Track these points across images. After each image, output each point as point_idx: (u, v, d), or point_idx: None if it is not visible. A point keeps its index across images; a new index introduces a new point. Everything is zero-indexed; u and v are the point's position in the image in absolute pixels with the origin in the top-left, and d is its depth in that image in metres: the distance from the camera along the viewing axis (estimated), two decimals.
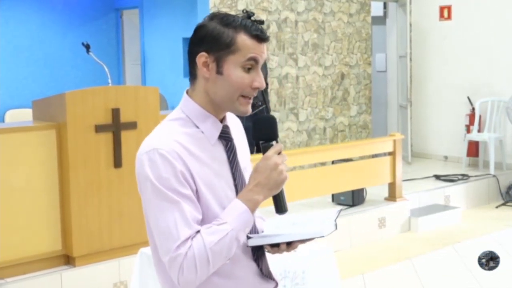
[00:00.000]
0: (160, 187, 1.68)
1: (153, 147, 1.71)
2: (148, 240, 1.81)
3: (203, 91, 1.78)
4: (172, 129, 1.76)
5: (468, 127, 8.31)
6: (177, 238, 1.64)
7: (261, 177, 1.72)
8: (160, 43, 10.21)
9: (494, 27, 8.16)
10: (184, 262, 1.63)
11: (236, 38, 1.73)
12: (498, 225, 6.73)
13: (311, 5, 7.97)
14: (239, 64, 1.74)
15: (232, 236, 1.67)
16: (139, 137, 4.66)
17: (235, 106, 1.79)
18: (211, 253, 1.64)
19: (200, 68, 1.76)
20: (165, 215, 1.67)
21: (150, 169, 1.70)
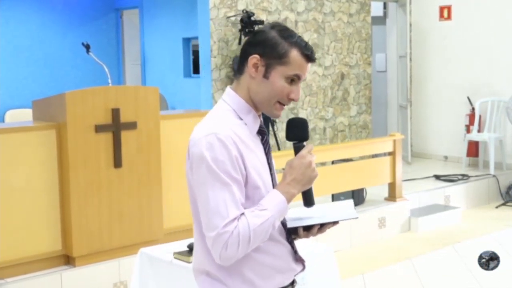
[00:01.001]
0: (215, 169, 1.84)
1: (211, 131, 1.87)
2: (148, 240, 1.84)
3: (246, 88, 1.99)
4: (225, 118, 1.94)
5: (468, 127, 8.31)
6: (226, 216, 1.81)
7: (297, 173, 1.94)
8: (160, 43, 10.21)
9: (494, 27, 8.16)
10: (229, 239, 1.80)
11: (289, 52, 1.93)
12: (498, 225, 6.73)
13: (311, 5, 7.97)
14: (285, 75, 1.94)
15: (270, 222, 1.86)
16: (139, 137, 4.66)
17: (270, 109, 1.98)
18: (253, 234, 1.82)
19: (250, 68, 1.96)
20: (216, 195, 1.83)
21: (208, 152, 1.85)
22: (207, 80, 7.17)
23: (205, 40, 7.16)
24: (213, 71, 7.12)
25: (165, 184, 4.83)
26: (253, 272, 1.94)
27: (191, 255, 3.38)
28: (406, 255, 5.74)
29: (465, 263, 5.56)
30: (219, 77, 7.16)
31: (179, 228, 4.94)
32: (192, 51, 9.94)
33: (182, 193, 5.00)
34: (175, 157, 4.95)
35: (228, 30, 7.21)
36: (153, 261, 3.54)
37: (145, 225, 4.71)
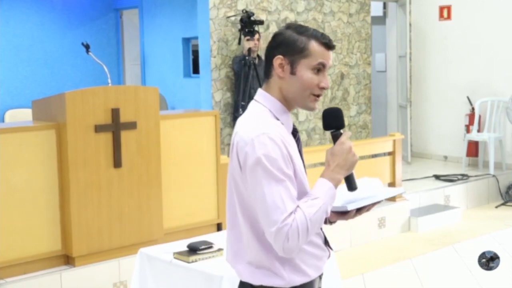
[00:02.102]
0: (269, 167, 1.95)
1: (262, 131, 1.98)
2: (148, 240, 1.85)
3: (278, 88, 2.10)
4: (267, 118, 2.05)
5: (468, 127, 8.31)
6: (284, 211, 1.92)
7: (340, 159, 2.05)
8: (159, 43, 10.21)
9: (493, 27, 8.16)
10: (290, 231, 1.91)
11: (308, 45, 2.06)
12: (498, 225, 6.73)
13: (311, 5, 7.97)
14: (310, 67, 2.06)
15: (323, 209, 1.99)
16: (139, 137, 4.66)
17: (305, 102, 2.10)
18: (310, 223, 1.94)
19: (276, 69, 2.07)
20: (273, 191, 1.94)
21: (262, 151, 1.96)
22: (207, 80, 7.16)
23: (205, 40, 7.16)
24: (213, 71, 7.12)
25: (164, 184, 4.84)
26: (302, 262, 2.07)
27: (190, 255, 3.38)
28: (406, 255, 5.74)
29: (465, 263, 5.56)
30: (218, 77, 7.16)
31: (179, 228, 4.94)
32: (192, 51, 9.93)
33: (181, 193, 5.02)
34: (175, 157, 4.95)
35: (228, 30, 7.21)
36: (152, 261, 3.54)
37: (144, 225, 4.71)
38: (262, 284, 2.07)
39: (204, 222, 5.14)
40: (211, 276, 3.21)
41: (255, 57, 6.99)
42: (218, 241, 3.60)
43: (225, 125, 7.16)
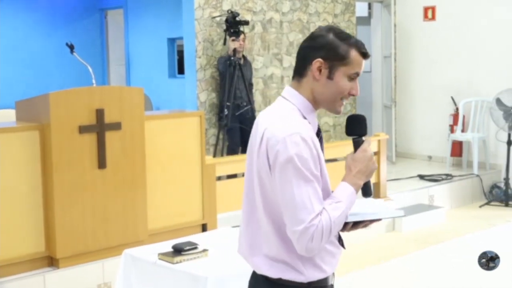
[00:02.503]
0: (300, 166, 1.98)
1: (294, 131, 2.01)
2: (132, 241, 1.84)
3: (309, 89, 2.13)
4: (296, 117, 2.08)
5: (452, 127, 8.36)
6: (311, 211, 1.97)
7: (361, 166, 2.12)
8: (144, 43, 10.18)
9: (477, 28, 8.21)
10: (315, 232, 1.97)
11: (349, 53, 2.10)
12: (482, 225, 6.77)
13: (296, 6, 7.98)
14: (347, 74, 2.11)
15: (345, 213, 2.06)
16: (124, 137, 4.64)
17: (334, 106, 2.15)
18: (333, 225, 2.00)
19: (314, 71, 2.10)
20: (302, 191, 1.98)
21: (294, 150, 1.99)
22: (192, 81, 7.15)
23: (190, 40, 7.15)
24: (198, 72, 7.11)
25: (149, 185, 4.82)
26: (320, 259, 2.12)
27: (175, 256, 3.37)
28: (391, 254, 5.76)
29: (449, 263, 5.59)
30: (204, 78, 7.15)
31: (164, 229, 4.93)
32: (177, 51, 9.92)
33: (166, 193, 5.00)
34: (159, 158, 4.94)
35: (213, 30, 7.20)
36: (137, 262, 3.53)
37: (129, 226, 4.70)
38: (281, 277, 2.11)
39: (189, 223, 5.13)
40: (196, 277, 3.20)
41: (240, 57, 6.99)
42: (203, 242, 3.60)
43: (210, 126, 7.15)
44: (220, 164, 5.49)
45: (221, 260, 3.40)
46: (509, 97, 7.47)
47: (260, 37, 7.63)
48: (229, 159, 6.02)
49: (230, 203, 5.54)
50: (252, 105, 7.11)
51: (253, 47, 7.56)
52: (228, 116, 6.81)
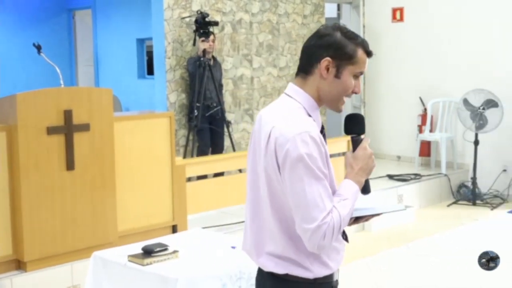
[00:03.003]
0: (310, 165, 2.00)
1: (303, 130, 2.03)
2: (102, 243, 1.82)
3: (315, 87, 2.15)
4: (302, 116, 2.10)
5: (420, 127, 8.44)
6: (323, 209, 2.00)
7: (362, 163, 2.16)
8: (113, 44, 10.11)
9: (445, 29, 8.30)
10: (327, 230, 2.00)
11: (357, 52, 2.13)
12: (450, 223, 6.85)
13: (266, 7, 7.99)
14: (353, 73, 2.14)
15: (352, 210, 2.10)
16: (92, 139, 4.60)
17: (338, 104, 2.18)
18: (343, 222, 2.05)
19: (322, 69, 2.12)
20: (313, 190, 2.00)
21: (304, 149, 2.00)
22: (162, 81, 7.12)
23: (159, 41, 7.11)
24: (168, 72, 7.08)
25: (119, 186, 4.78)
26: (326, 256, 2.15)
27: (145, 257, 3.35)
28: (361, 254, 5.79)
29: (419, 262, 5.65)
30: (173, 78, 7.12)
31: (134, 231, 4.90)
32: (146, 52, 9.87)
33: (136, 195, 4.97)
34: (129, 159, 4.90)
35: (183, 31, 7.17)
36: (107, 265, 3.49)
37: (98, 228, 4.65)
38: (288, 273, 2.13)
39: (159, 224, 5.10)
40: (166, 279, 3.18)
41: (210, 58, 6.98)
42: (173, 243, 3.58)
43: (180, 127, 7.13)
44: (190, 165, 5.47)
45: (191, 262, 3.38)
46: (476, 98, 7.57)
47: (229, 37, 7.62)
48: (199, 160, 6.00)
49: (201, 204, 5.53)
50: (222, 106, 7.10)
51: (223, 48, 7.55)
52: (198, 117, 6.79)
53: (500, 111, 7.43)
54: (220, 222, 5.81)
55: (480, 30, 8.02)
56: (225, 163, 6.00)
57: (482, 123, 7.54)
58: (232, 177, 6.25)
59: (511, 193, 7.79)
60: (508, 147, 7.80)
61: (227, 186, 5.75)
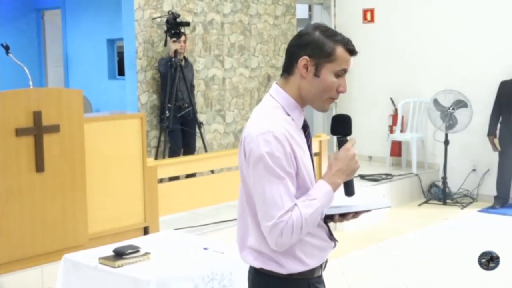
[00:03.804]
0: (271, 164, 2.02)
1: (267, 129, 2.05)
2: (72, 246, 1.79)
3: (296, 86, 2.15)
4: (276, 115, 2.11)
5: (391, 127, 8.51)
6: (281, 207, 2.02)
7: (342, 164, 2.13)
8: (83, 45, 10.02)
9: (415, 30, 8.38)
10: (284, 229, 2.01)
11: (335, 50, 2.12)
12: (421, 223, 6.91)
13: (237, 7, 7.98)
14: (334, 71, 2.13)
15: (319, 211, 2.09)
16: (62, 140, 4.55)
17: (322, 104, 2.17)
18: (305, 222, 2.04)
19: (300, 68, 2.12)
20: (272, 188, 2.02)
21: (266, 148, 2.03)
22: (133, 82, 7.07)
23: (130, 42, 7.06)
24: (139, 73, 7.03)
25: (89, 188, 4.73)
26: (302, 252, 2.16)
27: (117, 260, 3.32)
28: (332, 254, 5.78)
29: (390, 261, 5.68)
30: (144, 79, 7.07)
31: (105, 233, 4.85)
32: (117, 53, 9.79)
33: (107, 197, 4.92)
34: (100, 161, 4.86)
35: (154, 31, 7.13)
36: (77, 267, 3.46)
37: (69, 230, 4.60)
38: (263, 267, 2.18)
39: (130, 226, 5.06)
40: (138, 281, 3.16)
41: (182, 59, 6.94)
42: (145, 245, 3.55)
43: (151, 128, 7.08)
44: (162, 166, 5.44)
45: (163, 263, 3.36)
46: (446, 98, 7.65)
47: (201, 38, 7.60)
48: (171, 161, 5.97)
49: (172, 205, 5.50)
50: (194, 107, 7.07)
51: (194, 49, 7.53)
52: (169, 118, 6.76)
53: (470, 112, 7.52)
54: (192, 223, 5.79)
55: (450, 31, 8.11)
56: (197, 164, 5.97)
57: (452, 123, 7.63)
58: (204, 178, 6.23)
59: (480, 192, 7.89)
60: (478, 147, 7.90)
61: (199, 188, 5.73)
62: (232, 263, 3.45)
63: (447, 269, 5.46)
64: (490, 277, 5.19)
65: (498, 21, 7.75)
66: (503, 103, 7.41)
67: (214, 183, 5.89)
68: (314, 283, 2.27)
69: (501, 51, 7.71)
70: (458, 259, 5.68)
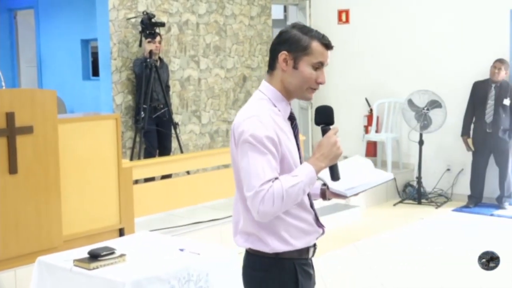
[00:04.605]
0: (254, 142, 2.22)
1: (253, 114, 2.28)
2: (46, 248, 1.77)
3: (280, 80, 2.37)
4: (263, 105, 2.34)
5: (367, 127, 8.55)
6: (263, 177, 2.19)
7: (325, 150, 2.32)
8: (57, 45, 9.93)
9: (390, 31, 8.43)
10: (266, 196, 2.17)
11: (311, 44, 2.33)
12: (397, 223, 6.95)
13: (212, 8, 7.97)
14: (310, 64, 2.34)
15: (301, 186, 2.23)
16: (36, 142, 4.50)
17: (304, 94, 2.39)
18: (286, 193, 2.19)
19: (280, 63, 2.34)
20: (255, 162, 2.21)
21: (250, 130, 2.23)
22: (107, 83, 7.02)
23: (104, 42, 7.01)
24: (114, 74, 6.98)
25: (64, 190, 4.69)
26: (287, 233, 2.34)
27: (91, 262, 3.29)
28: None
29: (366, 261, 5.71)
30: (119, 80, 7.03)
31: (80, 235, 4.81)
32: (91, 53, 9.72)
33: (82, 198, 4.88)
34: (74, 162, 4.81)
35: (129, 31, 7.09)
36: (52, 270, 3.42)
37: (43, 233, 4.55)
38: (251, 248, 2.37)
39: (106, 228, 5.02)
40: (113, 283, 3.13)
41: (157, 59, 6.91)
42: (121, 247, 3.53)
43: (126, 129, 7.04)
44: (137, 167, 5.40)
45: (139, 265, 3.34)
46: (421, 98, 7.72)
47: (176, 39, 7.57)
48: (147, 162, 5.94)
49: (148, 207, 5.47)
50: (169, 107, 7.04)
51: (170, 49, 7.50)
52: (145, 119, 6.72)
53: (444, 112, 7.59)
54: (168, 224, 5.76)
55: (424, 33, 8.17)
56: (172, 165, 5.95)
57: (426, 123, 7.69)
58: (180, 179, 6.20)
59: (455, 191, 7.96)
60: (452, 147, 7.97)
61: (175, 188, 5.71)
62: (208, 264, 3.44)
63: (422, 268, 5.50)
64: (465, 276, 5.24)
65: (472, 23, 7.82)
66: (476, 103, 7.49)
67: (190, 184, 5.88)
68: (300, 264, 2.40)
69: (474, 52, 7.79)
70: (433, 258, 5.72)
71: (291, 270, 2.37)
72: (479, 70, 7.63)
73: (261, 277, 2.38)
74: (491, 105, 7.37)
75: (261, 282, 2.38)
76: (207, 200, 6.09)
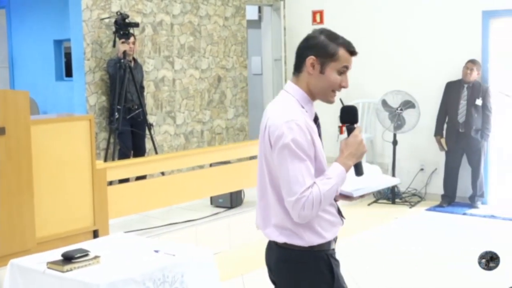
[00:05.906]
0: (294, 148, 2.37)
1: (291, 118, 2.41)
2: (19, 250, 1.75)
3: (305, 82, 2.53)
4: (295, 107, 2.48)
5: (341, 128, 8.57)
6: (303, 184, 2.36)
7: (352, 149, 2.51)
8: (29, 45, 9.83)
9: (364, 32, 8.48)
10: (306, 202, 2.35)
11: (338, 51, 2.50)
12: (371, 222, 6.99)
13: (187, 8, 7.95)
14: (336, 69, 2.51)
15: (335, 188, 2.44)
16: (8, 143, 4.44)
17: (327, 97, 2.56)
18: (323, 197, 2.38)
19: (308, 67, 2.51)
20: (295, 168, 2.37)
21: (290, 135, 2.38)
22: (81, 83, 6.96)
23: (77, 42, 6.95)
24: (87, 74, 6.93)
25: (37, 191, 4.64)
26: (320, 226, 2.52)
27: (65, 264, 3.26)
28: None
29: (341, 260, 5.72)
30: (93, 80, 6.98)
31: (53, 237, 4.76)
32: (64, 54, 9.64)
33: (55, 200, 4.83)
34: (47, 164, 4.76)
35: (102, 32, 7.04)
36: (24, 272, 3.38)
37: (15, 235, 4.50)
38: (286, 242, 2.51)
39: (79, 230, 4.98)
40: (87, 285, 3.11)
41: (131, 60, 6.88)
42: (95, 249, 3.50)
43: (100, 130, 6.99)
44: (111, 168, 5.36)
45: (113, 267, 3.32)
46: (394, 99, 7.77)
47: (150, 39, 7.54)
48: (121, 163, 5.89)
49: (122, 208, 5.43)
50: (144, 108, 7.01)
51: (144, 50, 7.46)
52: (119, 120, 6.68)
53: (417, 112, 7.66)
54: (143, 226, 5.73)
55: (397, 33, 8.24)
56: (147, 166, 5.91)
57: (400, 124, 7.75)
58: (155, 180, 6.17)
59: (428, 191, 8.03)
60: (425, 147, 8.04)
61: (150, 190, 5.68)
62: (184, 265, 3.43)
63: (397, 268, 5.54)
64: (438, 275, 5.29)
65: (444, 24, 7.90)
66: (449, 103, 7.57)
67: (165, 185, 5.85)
68: (331, 255, 2.60)
69: (447, 53, 7.87)
70: (408, 258, 5.76)
71: (326, 260, 2.56)
72: (451, 70, 7.71)
73: (299, 269, 2.53)
74: (463, 105, 7.45)
75: (299, 274, 2.54)
76: (182, 201, 6.07)
